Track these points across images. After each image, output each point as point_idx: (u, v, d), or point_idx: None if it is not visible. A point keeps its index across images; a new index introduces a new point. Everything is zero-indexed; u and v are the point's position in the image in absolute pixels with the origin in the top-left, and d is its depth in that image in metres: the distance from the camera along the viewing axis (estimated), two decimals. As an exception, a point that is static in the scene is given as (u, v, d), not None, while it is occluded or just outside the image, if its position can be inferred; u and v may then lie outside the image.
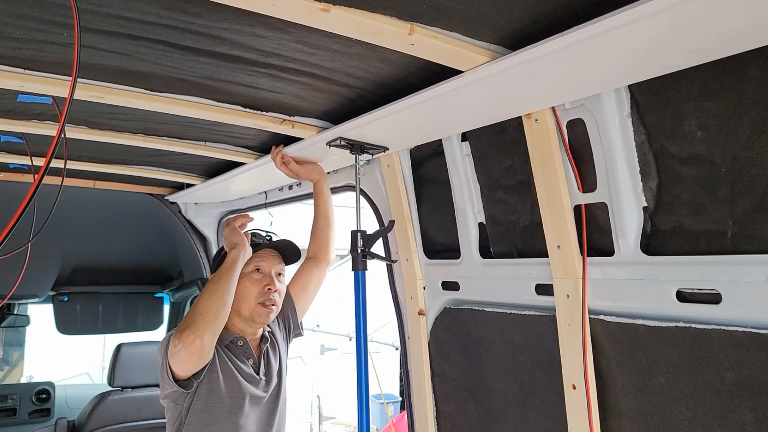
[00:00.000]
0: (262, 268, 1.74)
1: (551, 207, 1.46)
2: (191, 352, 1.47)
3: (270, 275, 1.74)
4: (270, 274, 1.74)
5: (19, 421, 3.59)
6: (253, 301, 1.69)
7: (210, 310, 1.52)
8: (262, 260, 1.75)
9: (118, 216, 3.52)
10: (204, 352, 1.50)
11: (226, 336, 1.69)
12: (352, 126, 1.66)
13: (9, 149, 2.28)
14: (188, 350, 1.46)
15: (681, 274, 1.23)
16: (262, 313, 1.69)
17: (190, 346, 1.46)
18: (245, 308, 1.69)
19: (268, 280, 1.72)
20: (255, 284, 1.71)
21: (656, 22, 0.94)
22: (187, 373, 1.55)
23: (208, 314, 1.51)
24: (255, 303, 1.69)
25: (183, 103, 1.65)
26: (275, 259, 1.80)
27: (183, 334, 1.45)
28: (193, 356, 1.49)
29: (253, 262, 1.74)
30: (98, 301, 3.96)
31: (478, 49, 1.21)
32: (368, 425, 1.74)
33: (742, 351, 1.12)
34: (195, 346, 1.46)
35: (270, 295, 1.71)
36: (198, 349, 1.47)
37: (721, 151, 1.15)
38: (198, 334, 1.46)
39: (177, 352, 1.48)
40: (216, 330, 1.53)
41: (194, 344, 1.46)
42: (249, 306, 1.69)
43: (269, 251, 1.80)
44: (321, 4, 1.02)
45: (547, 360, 1.54)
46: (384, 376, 7.07)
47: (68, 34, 1.22)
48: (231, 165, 2.46)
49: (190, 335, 1.45)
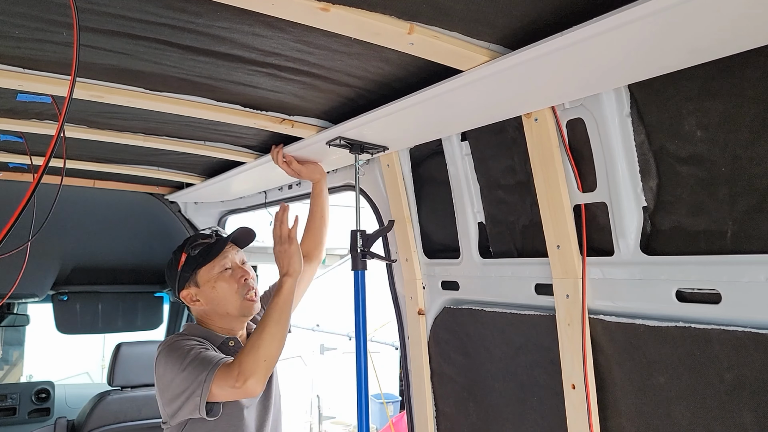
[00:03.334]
0: (230, 264, 1.73)
1: (551, 207, 1.46)
2: (249, 394, 1.46)
3: (239, 267, 1.73)
4: (238, 267, 1.74)
5: (19, 421, 3.59)
6: (237, 299, 1.69)
7: (273, 358, 1.50)
8: (224, 257, 1.72)
9: (117, 215, 3.52)
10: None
11: (215, 338, 1.69)
12: (351, 125, 1.66)
13: (8, 148, 2.28)
14: (247, 394, 1.46)
15: (681, 274, 1.23)
16: (250, 305, 1.71)
17: (250, 392, 1.45)
18: (233, 308, 1.69)
19: (241, 272, 1.72)
20: (231, 281, 1.70)
21: (656, 21, 0.94)
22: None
23: (272, 362, 1.49)
24: (240, 300, 1.69)
25: (183, 102, 1.65)
26: (233, 250, 1.77)
27: (247, 381, 1.42)
28: (247, 397, 1.49)
29: (217, 263, 1.71)
30: (98, 301, 3.96)
31: (478, 49, 1.21)
32: (368, 425, 1.74)
33: (742, 351, 1.12)
34: (256, 391, 1.45)
35: (248, 286, 1.71)
36: (257, 392, 1.47)
37: (721, 150, 1.15)
38: (262, 382, 1.45)
39: (233, 394, 1.47)
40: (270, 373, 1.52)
41: (256, 390, 1.45)
42: (236, 304, 1.69)
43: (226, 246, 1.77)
44: (320, 4, 1.02)
45: (546, 360, 1.53)
46: (384, 375, 7.07)
47: (67, 33, 1.22)
48: (231, 164, 2.46)
49: (255, 385, 1.43)
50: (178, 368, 1.51)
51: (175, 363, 1.53)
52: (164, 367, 1.55)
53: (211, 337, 1.69)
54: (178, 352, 1.56)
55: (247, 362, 1.44)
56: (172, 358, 1.55)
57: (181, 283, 1.73)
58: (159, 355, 1.60)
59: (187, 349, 1.56)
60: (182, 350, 1.56)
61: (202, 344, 1.61)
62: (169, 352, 1.57)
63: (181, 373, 1.50)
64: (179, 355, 1.54)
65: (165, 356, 1.57)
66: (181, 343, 1.60)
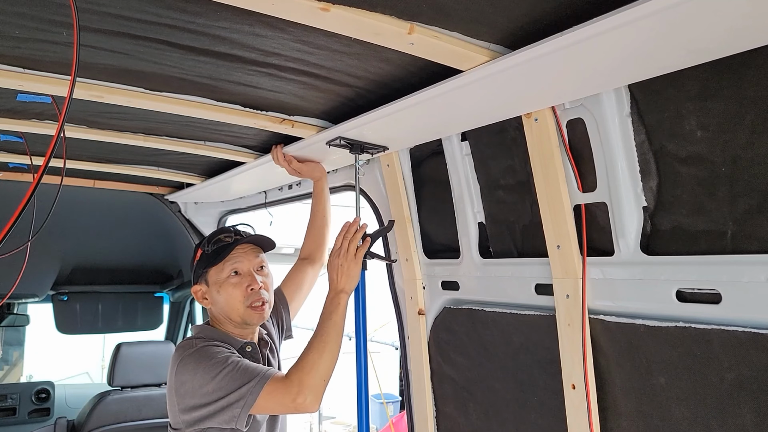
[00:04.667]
0: (239, 269, 1.64)
1: (551, 207, 1.46)
2: (305, 411, 1.43)
3: (249, 274, 1.64)
4: (249, 273, 1.64)
5: (19, 421, 3.59)
6: (240, 306, 1.61)
7: (329, 376, 1.47)
8: (236, 261, 1.64)
9: (117, 215, 3.52)
10: None
11: (234, 341, 1.63)
12: (351, 125, 1.66)
13: (8, 148, 2.28)
14: (305, 411, 1.42)
15: (681, 274, 1.23)
16: (254, 315, 1.62)
17: (309, 410, 1.41)
18: (235, 314, 1.62)
19: (249, 280, 1.62)
20: (237, 288, 1.62)
21: (656, 21, 0.94)
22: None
23: (328, 380, 1.46)
24: (244, 307, 1.61)
25: (183, 102, 1.65)
26: (251, 254, 1.67)
27: (308, 398, 1.39)
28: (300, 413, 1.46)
29: (227, 266, 1.63)
30: (98, 301, 3.96)
31: (478, 49, 1.21)
32: (368, 425, 1.75)
33: (742, 351, 1.12)
34: (315, 409, 1.42)
35: (257, 295, 1.62)
36: (315, 411, 1.46)
37: (721, 151, 1.15)
38: (320, 400, 1.41)
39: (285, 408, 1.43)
40: None
41: (314, 408, 1.42)
42: (238, 312, 1.62)
43: (242, 247, 1.67)
44: (321, 4, 1.02)
45: (546, 360, 1.53)
46: (384, 375, 7.06)
47: (68, 34, 1.22)
48: (231, 164, 2.46)
49: (314, 403, 1.40)
50: (211, 376, 1.44)
51: (208, 370, 1.45)
52: (192, 374, 1.47)
53: (231, 341, 1.62)
54: (212, 360, 1.48)
55: (309, 380, 1.41)
56: (203, 364, 1.47)
57: (195, 278, 1.69)
58: (184, 359, 1.51)
59: (222, 358, 1.48)
60: (216, 358, 1.48)
61: (232, 352, 1.55)
62: (199, 358, 1.49)
63: (215, 382, 1.43)
64: (214, 363, 1.46)
65: (194, 362, 1.48)
66: (212, 349, 1.52)
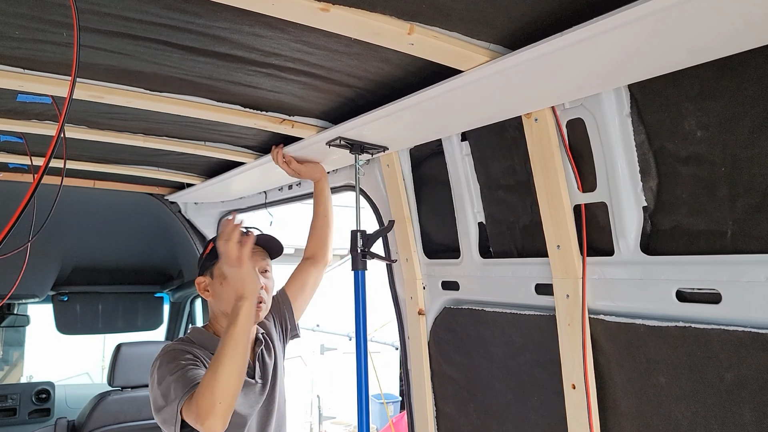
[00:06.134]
0: None
1: (551, 207, 1.46)
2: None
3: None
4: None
5: (19, 421, 3.59)
6: None
7: (231, 397, 1.33)
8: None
9: (118, 216, 3.52)
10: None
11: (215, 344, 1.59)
12: (351, 126, 1.66)
13: (9, 149, 2.28)
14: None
15: (681, 273, 1.23)
16: None
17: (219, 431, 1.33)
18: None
19: None
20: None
21: (656, 21, 0.94)
22: None
23: (229, 401, 1.33)
24: None
25: (183, 102, 1.65)
26: (259, 256, 1.71)
27: (205, 424, 1.30)
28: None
29: None
30: (98, 301, 3.97)
31: (478, 49, 1.21)
32: (368, 425, 1.74)
33: (742, 351, 1.12)
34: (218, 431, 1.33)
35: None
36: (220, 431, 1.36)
37: (721, 150, 1.15)
38: (221, 422, 1.31)
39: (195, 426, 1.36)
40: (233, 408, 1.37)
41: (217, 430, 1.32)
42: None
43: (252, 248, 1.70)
44: (320, 4, 1.02)
45: (546, 360, 1.53)
46: (384, 376, 7.07)
47: (68, 34, 1.22)
48: (231, 165, 2.46)
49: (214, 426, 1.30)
50: (162, 381, 1.45)
51: (163, 375, 1.46)
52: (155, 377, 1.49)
53: (212, 343, 1.63)
54: (170, 364, 1.49)
55: (203, 405, 1.31)
56: (162, 368, 1.49)
57: (201, 269, 1.71)
58: (156, 361, 1.54)
59: (175, 365, 1.48)
60: (172, 363, 1.49)
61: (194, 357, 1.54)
62: (162, 361, 1.51)
63: (162, 387, 1.44)
64: (169, 368, 1.47)
65: (159, 365, 1.51)
66: (176, 353, 1.53)
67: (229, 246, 1.40)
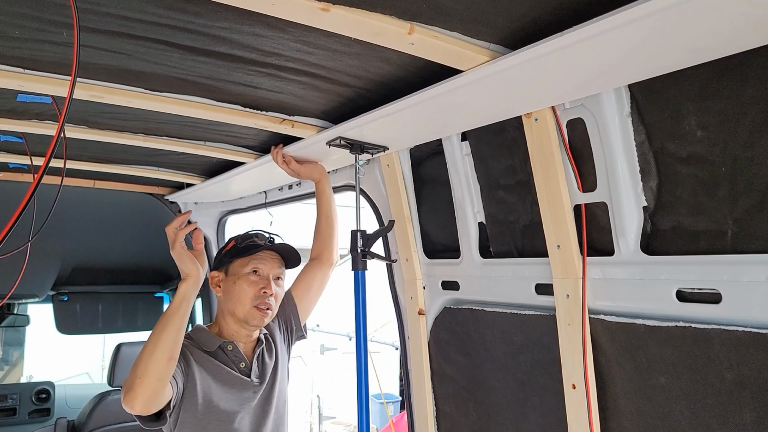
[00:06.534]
0: (260, 271, 1.70)
1: (551, 206, 1.46)
2: (140, 411, 1.39)
3: (267, 278, 1.70)
4: (267, 277, 1.70)
5: (19, 421, 3.59)
6: (248, 303, 1.66)
7: (150, 373, 1.34)
8: (260, 262, 1.71)
9: (117, 216, 3.52)
10: (152, 407, 1.40)
11: (213, 342, 1.67)
12: (351, 125, 1.66)
13: (9, 149, 2.28)
14: (136, 410, 1.37)
15: (681, 273, 1.23)
16: (257, 316, 1.66)
17: (129, 409, 1.36)
18: (240, 310, 1.67)
19: (265, 283, 1.68)
20: (251, 286, 1.67)
21: (656, 21, 0.94)
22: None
23: (148, 377, 1.33)
24: (250, 306, 1.66)
25: (183, 102, 1.65)
26: (275, 262, 1.75)
27: (126, 396, 1.33)
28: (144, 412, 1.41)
29: (251, 263, 1.69)
30: (98, 301, 3.97)
31: (478, 49, 1.21)
32: (368, 425, 1.74)
33: (742, 351, 1.12)
34: (134, 409, 1.37)
35: (266, 299, 1.67)
36: (145, 409, 1.38)
37: (721, 150, 1.15)
38: (139, 400, 1.34)
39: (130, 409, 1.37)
40: (158, 390, 1.38)
41: (133, 408, 1.36)
42: (244, 308, 1.66)
43: (269, 253, 1.75)
44: (321, 4, 1.02)
45: (547, 360, 1.53)
46: (384, 375, 7.07)
47: (68, 34, 1.22)
48: (231, 165, 2.46)
49: (131, 402, 1.33)
50: None
51: None
52: None
53: (209, 341, 1.66)
54: None
55: (127, 380, 1.35)
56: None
57: (216, 264, 1.73)
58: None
59: None
60: None
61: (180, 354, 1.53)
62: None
63: None
64: None
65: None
66: None
67: (169, 229, 1.51)
